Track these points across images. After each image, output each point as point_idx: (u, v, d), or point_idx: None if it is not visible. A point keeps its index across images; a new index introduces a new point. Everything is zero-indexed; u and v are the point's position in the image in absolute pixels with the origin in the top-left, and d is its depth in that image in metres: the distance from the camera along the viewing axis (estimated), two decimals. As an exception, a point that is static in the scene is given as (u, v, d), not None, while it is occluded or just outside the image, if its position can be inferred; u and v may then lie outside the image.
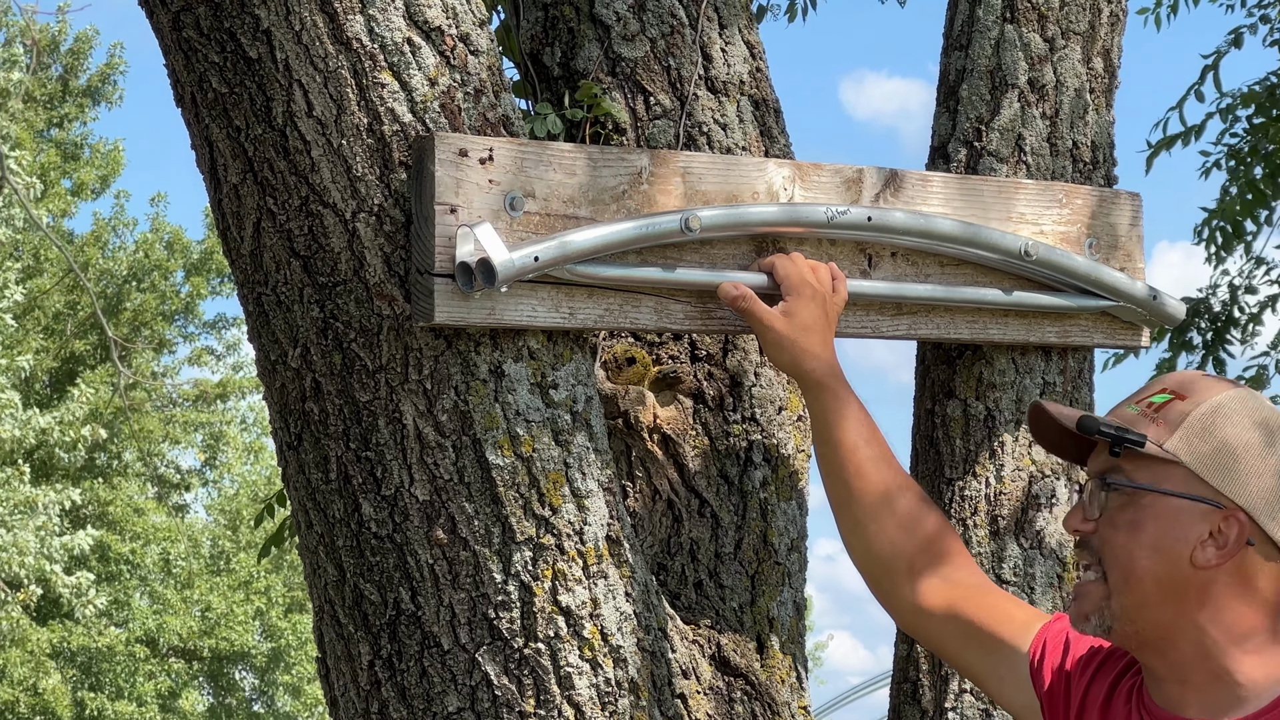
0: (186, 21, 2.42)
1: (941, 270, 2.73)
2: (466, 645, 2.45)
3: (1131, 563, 1.99)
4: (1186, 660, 1.99)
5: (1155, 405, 2.02)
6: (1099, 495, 2.01)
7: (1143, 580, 1.98)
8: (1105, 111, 3.01)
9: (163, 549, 20.89)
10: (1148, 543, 1.98)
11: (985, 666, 2.24)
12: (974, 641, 2.25)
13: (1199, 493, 1.98)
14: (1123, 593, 1.99)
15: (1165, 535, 1.98)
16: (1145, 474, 1.99)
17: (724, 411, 2.76)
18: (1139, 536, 1.98)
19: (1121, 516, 2.00)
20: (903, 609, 2.34)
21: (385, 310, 2.40)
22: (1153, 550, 1.98)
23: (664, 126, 2.79)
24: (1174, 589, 1.98)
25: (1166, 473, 1.99)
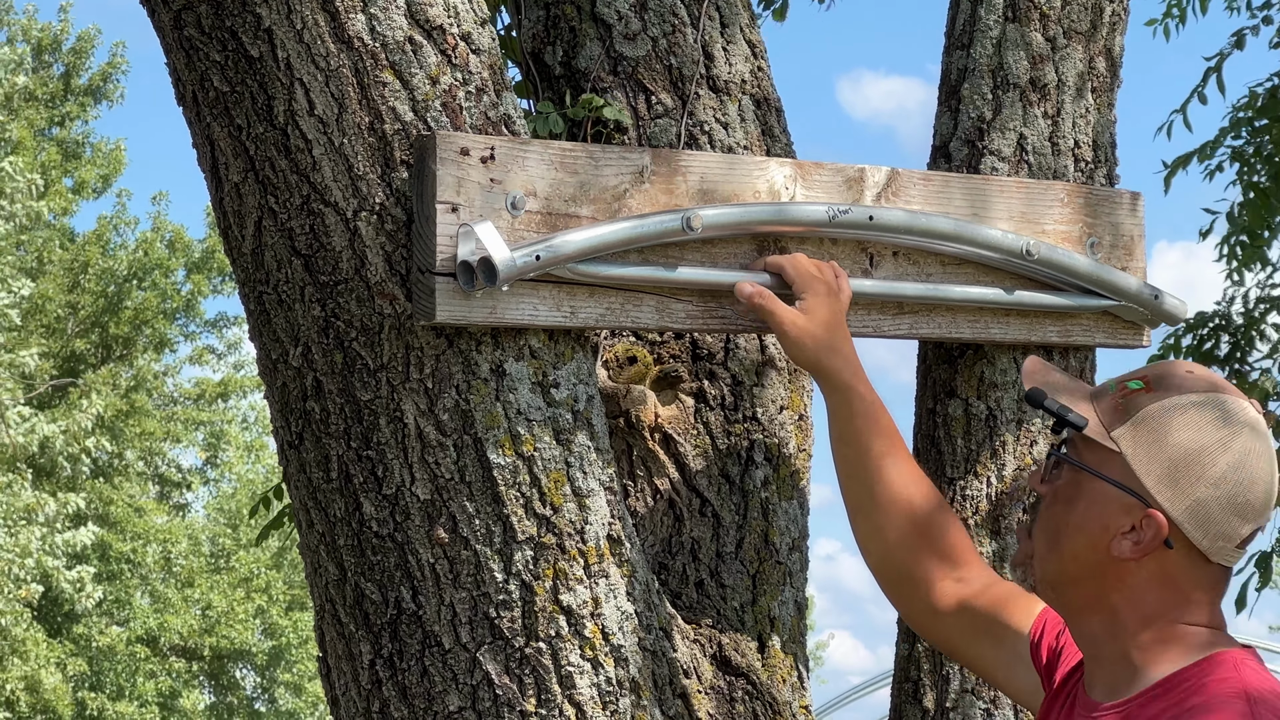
0: (188, 20, 2.42)
1: (943, 269, 2.73)
2: (467, 644, 2.45)
3: (1057, 534, 2.03)
4: (1098, 635, 2.02)
5: (1127, 391, 2.03)
6: (1046, 464, 2.06)
7: (1062, 553, 2.03)
8: (1107, 111, 3.01)
9: (163, 548, 20.90)
10: (1075, 520, 2.02)
11: (995, 657, 2.28)
12: (983, 634, 2.29)
13: (1129, 485, 1.99)
14: (1045, 559, 2.04)
15: (1091, 518, 2.01)
16: (1089, 454, 2.02)
17: (725, 411, 2.76)
18: (1069, 512, 2.02)
19: (1061, 489, 2.04)
20: (918, 611, 2.36)
21: (386, 309, 2.40)
22: (1077, 528, 2.01)
23: (665, 125, 2.79)
24: (1091, 569, 2.01)
25: (1108, 458, 2.01)
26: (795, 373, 2.85)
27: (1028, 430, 2.87)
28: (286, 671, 22.81)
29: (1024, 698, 2.27)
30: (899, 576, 2.36)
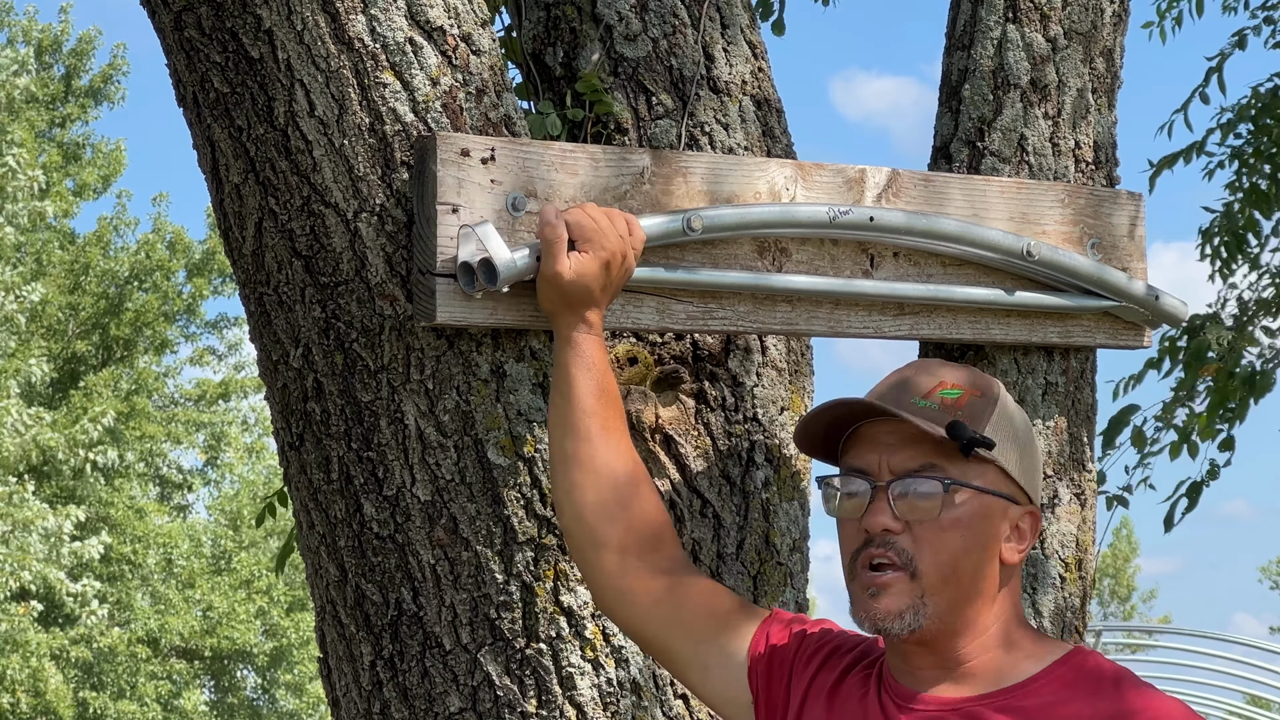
0: (188, 21, 2.42)
1: (944, 270, 2.73)
2: (468, 645, 2.45)
3: (954, 563, 1.97)
4: (965, 652, 1.99)
5: (950, 401, 2.00)
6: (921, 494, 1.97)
7: (961, 578, 1.97)
8: (1107, 111, 3.01)
9: (164, 549, 20.90)
10: (968, 541, 1.97)
11: (691, 653, 2.19)
12: (680, 631, 2.20)
13: (1008, 490, 2.00)
14: (940, 591, 1.97)
15: (982, 533, 1.98)
16: (969, 472, 1.98)
17: (726, 412, 2.76)
18: (964, 536, 1.97)
19: (946, 516, 1.97)
20: (603, 585, 2.25)
21: (387, 310, 2.40)
22: (972, 548, 1.98)
23: (666, 126, 2.79)
24: (985, 585, 1.99)
25: (981, 470, 1.98)
26: (796, 374, 2.86)
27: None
28: (288, 672, 22.81)
29: (715, 703, 2.20)
30: (590, 542, 2.24)
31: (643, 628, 2.24)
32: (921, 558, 1.96)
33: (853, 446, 2.03)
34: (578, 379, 2.27)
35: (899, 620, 1.96)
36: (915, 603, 1.96)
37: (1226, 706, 16.72)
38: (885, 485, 1.97)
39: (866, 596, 1.97)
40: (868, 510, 1.98)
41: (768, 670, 2.14)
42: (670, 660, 2.24)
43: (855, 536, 2.00)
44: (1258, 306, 7.10)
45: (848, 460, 2.03)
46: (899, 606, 1.96)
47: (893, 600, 1.96)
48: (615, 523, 2.24)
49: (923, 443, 1.98)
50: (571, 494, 2.26)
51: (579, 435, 2.26)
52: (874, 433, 2.01)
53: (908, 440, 1.98)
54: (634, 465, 2.28)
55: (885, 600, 1.96)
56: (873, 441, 2.01)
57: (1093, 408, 2.96)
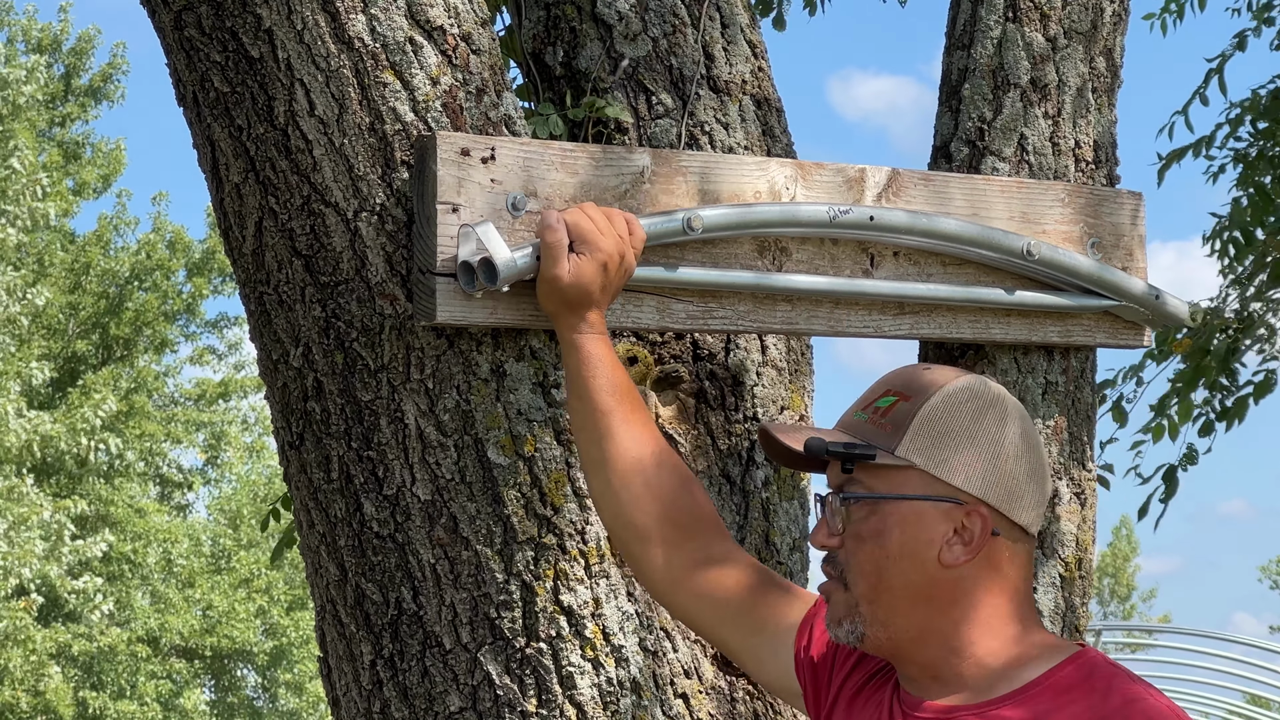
0: (188, 21, 2.42)
1: (944, 270, 2.73)
2: (468, 645, 2.45)
3: (879, 572, 1.96)
4: (939, 659, 1.97)
5: (881, 410, 1.98)
6: (840, 510, 1.98)
7: (892, 588, 1.96)
8: (1107, 111, 3.01)
9: (164, 548, 20.91)
10: (893, 551, 1.95)
11: (744, 645, 2.21)
12: (732, 620, 2.21)
13: (937, 492, 1.96)
14: (873, 602, 1.96)
15: (910, 540, 1.95)
16: (882, 482, 1.96)
17: (726, 411, 2.76)
18: (884, 546, 1.96)
19: (865, 528, 1.96)
20: (654, 578, 2.26)
21: (387, 309, 2.40)
22: (899, 557, 1.95)
23: (666, 126, 2.79)
24: (925, 592, 1.96)
25: (903, 478, 1.96)
26: (796, 373, 2.86)
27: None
28: (287, 671, 22.82)
29: (774, 689, 2.21)
30: (632, 537, 2.26)
31: (696, 617, 2.26)
32: (849, 569, 1.97)
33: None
34: (588, 381, 2.29)
35: (840, 629, 1.99)
36: (851, 613, 1.97)
37: (1226, 706, 16.72)
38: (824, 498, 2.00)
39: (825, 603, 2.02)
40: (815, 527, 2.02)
41: (812, 665, 2.15)
42: (725, 647, 2.26)
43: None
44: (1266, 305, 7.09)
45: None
46: (838, 614, 1.99)
47: (832, 610, 2.00)
48: (653, 515, 2.26)
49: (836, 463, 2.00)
50: (606, 495, 2.28)
51: (602, 435, 2.28)
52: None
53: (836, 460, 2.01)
54: (662, 452, 2.29)
55: (830, 608, 2.00)
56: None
57: (1093, 407, 2.96)
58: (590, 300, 2.31)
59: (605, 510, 2.30)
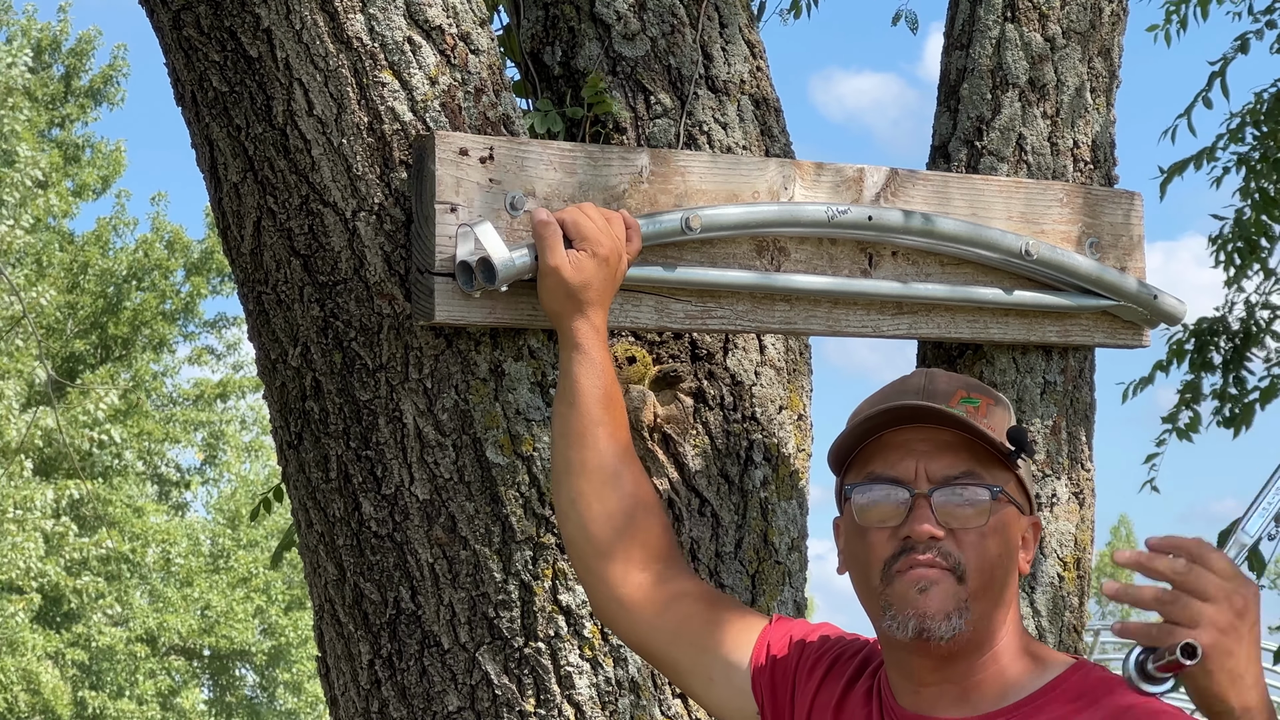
0: (187, 20, 2.42)
1: (942, 269, 2.73)
2: (466, 644, 2.45)
3: (994, 570, 1.95)
4: (984, 664, 1.96)
5: (972, 409, 1.97)
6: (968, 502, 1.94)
7: (995, 585, 1.95)
8: (1106, 111, 3.01)
9: (163, 548, 20.90)
10: (1002, 549, 1.96)
11: (694, 664, 2.17)
12: (683, 642, 2.17)
13: (1020, 501, 1.99)
14: (981, 597, 1.94)
15: (1010, 542, 1.97)
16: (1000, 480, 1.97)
17: (724, 410, 2.76)
18: (1001, 544, 1.96)
19: (988, 522, 1.94)
20: (605, 595, 2.22)
21: (385, 309, 2.40)
22: (1004, 556, 1.96)
23: (664, 125, 2.79)
24: (1009, 594, 1.98)
25: (1006, 479, 1.98)
26: (794, 372, 2.86)
27: (1027, 430, 2.87)
28: (286, 671, 22.81)
29: (722, 712, 2.17)
30: (592, 551, 2.21)
31: (645, 639, 2.21)
32: (968, 562, 1.93)
33: (875, 456, 1.99)
34: (585, 387, 2.25)
35: (946, 622, 1.92)
36: (960, 606, 1.93)
37: (1225, 706, 16.69)
38: (928, 493, 1.94)
39: (915, 592, 1.93)
40: (910, 518, 1.94)
41: (771, 681, 2.12)
42: (674, 671, 2.22)
43: (886, 545, 1.95)
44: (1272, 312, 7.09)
45: (871, 469, 1.99)
46: (947, 607, 1.92)
47: (941, 599, 1.92)
48: (620, 533, 2.21)
49: (959, 449, 1.95)
50: (577, 503, 2.23)
51: (586, 444, 2.24)
52: (903, 440, 1.97)
53: (943, 446, 1.96)
54: (638, 473, 2.26)
55: (935, 596, 1.92)
56: (904, 449, 1.97)
57: (1091, 407, 2.96)
58: (591, 296, 2.29)
59: (570, 519, 2.24)
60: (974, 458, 1.95)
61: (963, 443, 1.95)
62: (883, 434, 1.99)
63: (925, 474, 1.95)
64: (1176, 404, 7.00)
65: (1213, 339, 6.93)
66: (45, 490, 17.25)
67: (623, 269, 2.34)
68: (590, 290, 2.29)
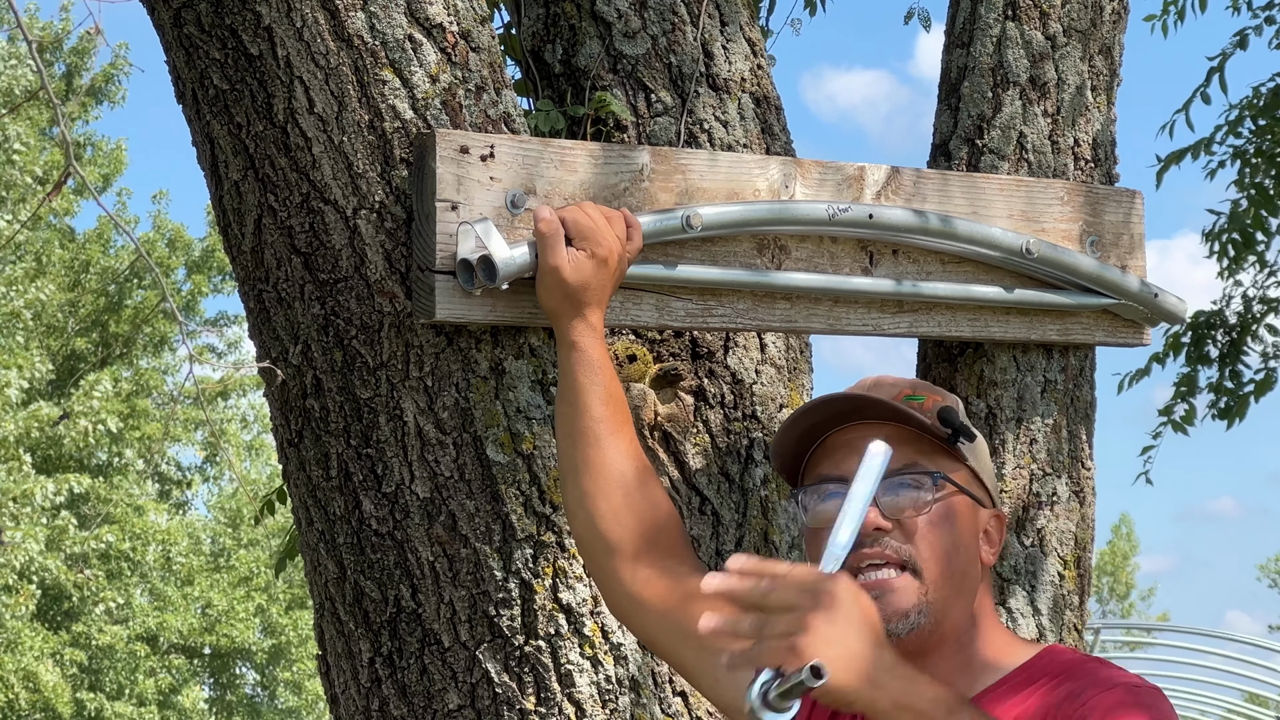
0: (188, 18, 2.42)
1: (943, 268, 2.73)
2: (467, 643, 2.45)
3: (949, 558, 1.95)
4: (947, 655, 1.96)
5: (917, 405, 1.98)
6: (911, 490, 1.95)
7: (953, 575, 1.96)
8: (1107, 109, 3.01)
9: (163, 546, 20.91)
10: (958, 539, 1.96)
11: (702, 664, 2.16)
12: (693, 640, 2.14)
13: (977, 492, 2.00)
14: (941, 587, 1.94)
15: (963, 532, 1.97)
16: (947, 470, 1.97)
17: (725, 409, 2.76)
18: (952, 532, 1.96)
19: (938, 510, 1.95)
20: (617, 591, 2.23)
21: (386, 307, 2.40)
22: (961, 546, 1.97)
23: (665, 124, 2.79)
24: (969, 583, 1.98)
25: (956, 469, 1.98)
26: (795, 371, 2.86)
27: (1027, 428, 2.87)
28: (286, 670, 22.82)
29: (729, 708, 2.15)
30: (602, 549, 2.22)
31: (655, 635, 2.22)
32: (919, 553, 1.94)
33: (823, 458, 2.00)
34: (584, 385, 2.25)
35: (904, 620, 1.93)
36: (920, 601, 1.93)
37: (1225, 704, 16.72)
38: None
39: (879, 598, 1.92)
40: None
41: None
42: (682, 668, 2.22)
43: None
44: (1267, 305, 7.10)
45: (821, 471, 2.00)
46: (906, 605, 1.93)
47: (900, 599, 1.93)
48: (627, 528, 2.22)
49: (903, 443, 1.96)
50: (584, 501, 2.24)
51: (589, 442, 2.24)
52: (846, 439, 1.98)
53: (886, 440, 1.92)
54: (644, 468, 2.26)
55: (892, 600, 1.93)
56: (847, 448, 1.97)
57: (1092, 405, 2.96)
58: (589, 297, 2.29)
59: (578, 518, 2.26)
60: (918, 450, 1.97)
61: (905, 436, 1.97)
62: (826, 437, 2.01)
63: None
64: (1173, 397, 7.01)
65: (1209, 332, 6.94)
66: (46, 484, 17.25)
67: (623, 268, 2.34)
68: (588, 290, 2.29)
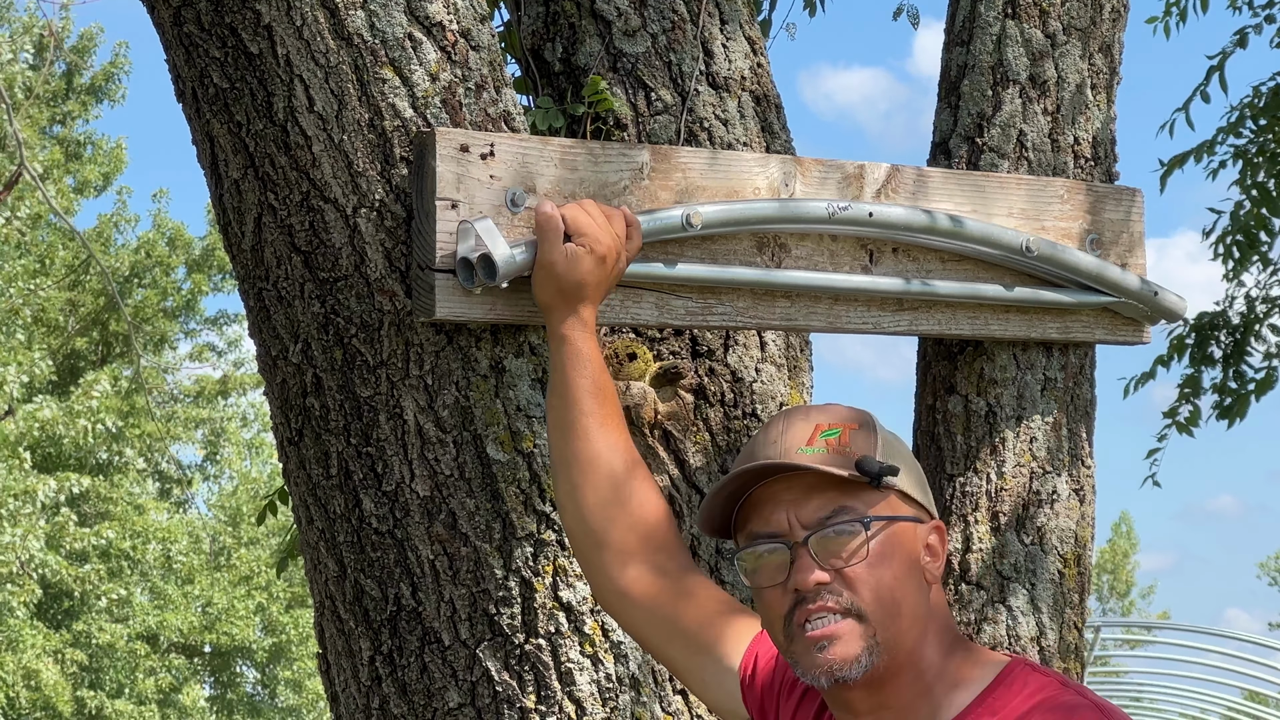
0: (187, 16, 2.42)
1: (943, 266, 2.73)
2: (467, 641, 2.45)
3: (893, 594, 1.94)
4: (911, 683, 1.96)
5: (833, 441, 1.96)
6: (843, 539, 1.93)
7: (901, 608, 1.94)
8: (1106, 107, 3.01)
9: (164, 545, 20.92)
10: (899, 571, 1.95)
11: (689, 664, 2.18)
12: (680, 639, 2.18)
13: (911, 512, 1.98)
14: (888, 626, 1.93)
15: (907, 559, 1.96)
16: (875, 504, 1.96)
17: (725, 407, 2.76)
18: (893, 567, 1.94)
19: (874, 551, 1.93)
20: (605, 587, 2.23)
21: (386, 305, 2.40)
22: (904, 577, 1.95)
23: (665, 122, 2.79)
24: (920, 609, 1.96)
25: (886, 500, 1.96)
26: (795, 369, 2.86)
27: (1027, 427, 2.87)
28: (287, 669, 22.82)
29: (720, 710, 2.17)
30: (590, 543, 2.22)
31: (643, 632, 2.22)
32: (861, 598, 1.93)
33: (752, 515, 1.99)
34: (573, 378, 2.25)
35: (855, 665, 1.93)
36: (870, 643, 1.93)
37: (1225, 702, 16.72)
38: (803, 541, 1.94)
39: (815, 652, 1.93)
40: (792, 569, 1.94)
41: (758, 696, 2.13)
42: (672, 667, 2.23)
43: (781, 601, 1.95)
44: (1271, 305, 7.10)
45: (751, 529, 1.99)
46: (854, 652, 1.93)
47: (846, 646, 1.93)
48: (616, 522, 2.22)
49: (826, 489, 1.95)
50: (574, 494, 2.24)
51: (578, 435, 2.24)
52: (771, 493, 1.97)
53: (809, 490, 1.95)
54: (634, 462, 2.26)
55: (838, 648, 1.93)
56: (773, 502, 1.97)
57: (1091, 403, 2.96)
58: (584, 293, 2.29)
59: (568, 511, 2.25)
60: (842, 492, 1.95)
61: (828, 480, 1.95)
62: (753, 492, 1.99)
63: (798, 521, 1.95)
64: (1177, 398, 7.01)
65: (1213, 333, 6.94)
66: (47, 481, 17.25)
67: (621, 266, 2.34)
68: (583, 287, 2.28)
